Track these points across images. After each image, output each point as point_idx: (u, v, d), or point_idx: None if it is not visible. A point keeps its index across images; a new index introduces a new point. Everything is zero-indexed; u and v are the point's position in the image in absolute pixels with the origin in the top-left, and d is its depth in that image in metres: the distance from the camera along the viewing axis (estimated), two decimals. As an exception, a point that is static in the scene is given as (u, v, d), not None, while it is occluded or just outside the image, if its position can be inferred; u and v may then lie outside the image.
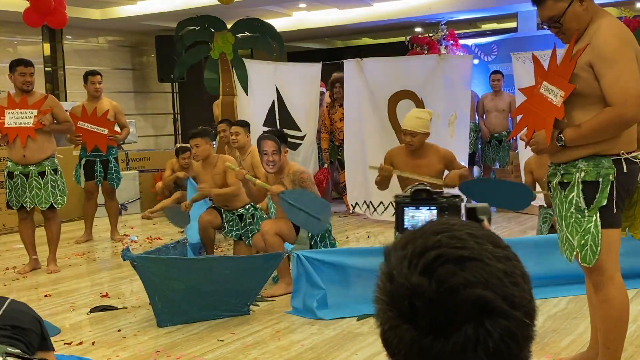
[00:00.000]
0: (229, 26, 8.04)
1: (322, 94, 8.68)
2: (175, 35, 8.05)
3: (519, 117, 3.23)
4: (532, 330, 0.87)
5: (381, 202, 7.65)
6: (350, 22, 12.01)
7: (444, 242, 0.87)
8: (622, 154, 2.69)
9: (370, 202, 7.76)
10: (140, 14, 10.73)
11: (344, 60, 8.08)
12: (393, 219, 5.14)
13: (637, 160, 2.74)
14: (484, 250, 0.86)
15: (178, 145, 9.47)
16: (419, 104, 7.36)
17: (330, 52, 15.41)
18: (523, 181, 5.75)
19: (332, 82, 8.52)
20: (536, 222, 6.38)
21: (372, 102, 7.63)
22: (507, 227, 7.16)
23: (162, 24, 11.29)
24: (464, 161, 7.18)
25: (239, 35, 8.02)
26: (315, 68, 8.37)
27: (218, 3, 7.76)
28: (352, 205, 7.99)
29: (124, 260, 4.00)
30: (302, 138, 8.32)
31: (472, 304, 0.82)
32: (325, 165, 8.56)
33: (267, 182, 4.87)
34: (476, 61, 10.68)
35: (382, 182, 4.76)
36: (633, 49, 2.66)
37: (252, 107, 7.96)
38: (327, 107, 8.41)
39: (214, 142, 7.39)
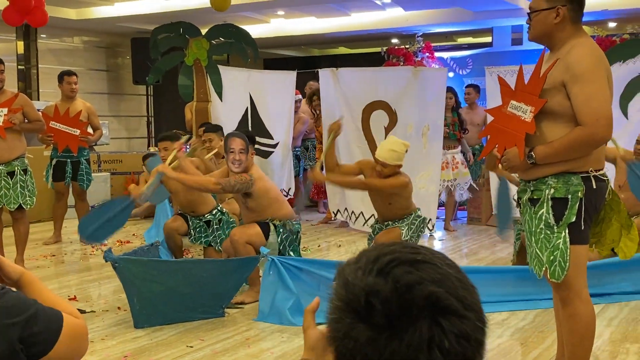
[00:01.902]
0: (204, 31, 8.03)
1: (297, 101, 8.70)
2: (150, 41, 8.01)
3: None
4: (484, 336, 0.89)
5: (353, 212, 7.69)
6: (328, 31, 12.07)
7: (397, 249, 0.91)
8: (591, 171, 2.75)
9: (346, 210, 7.80)
10: (116, 16, 10.65)
11: (319, 70, 8.11)
12: (367, 229, 5.23)
13: (605, 178, 2.80)
14: (435, 257, 0.90)
15: (145, 152, 9.41)
16: (393, 115, 7.41)
17: (306, 59, 15.45)
18: (494, 195, 5.83)
19: (309, 95, 8.53)
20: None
21: (347, 111, 7.67)
22: (478, 239, 7.23)
23: (138, 26, 11.22)
24: (437, 172, 7.26)
25: (213, 41, 8.00)
26: (290, 76, 8.39)
27: (195, 7, 7.75)
28: (333, 212, 8.04)
29: (106, 261, 4.06)
30: (274, 146, 8.32)
31: (426, 299, 0.84)
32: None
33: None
34: (451, 74, 10.81)
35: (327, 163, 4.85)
36: (605, 70, 2.73)
37: (225, 114, 7.95)
38: (312, 120, 8.48)
39: (187, 146, 7.36)
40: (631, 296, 4.62)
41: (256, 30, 11.39)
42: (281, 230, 4.72)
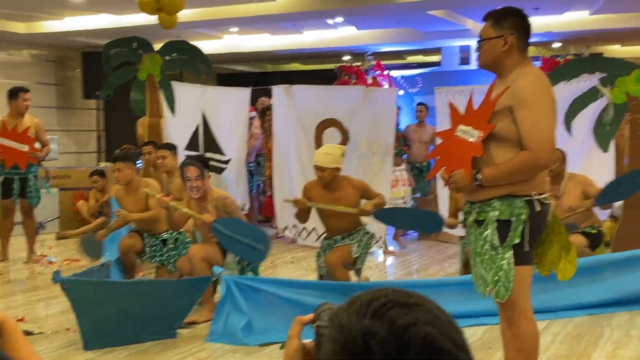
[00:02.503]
0: (158, 47, 8.00)
1: (251, 118, 8.72)
2: (103, 55, 7.95)
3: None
4: None
5: (304, 228, 7.72)
6: (281, 48, 12.14)
7: (390, 292, 0.93)
8: (534, 195, 2.85)
9: (296, 225, 7.83)
10: (66, 30, 10.50)
11: (272, 87, 8.16)
12: (317, 244, 5.30)
13: (548, 202, 2.91)
14: (427, 301, 0.93)
15: (95, 167, 9.29)
16: (345, 133, 7.51)
17: (260, 75, 15.49)
18: (447, 208, 5.96)
19: (263, 110, 8.56)
20: (455, 250, 6.60)
21: (300, 128, 7.74)
22: (428, 255, 7.35)
23: (89, 41, 11.08)
24: (387, 190, 7.36)
25: (167, 57, 7.99)
26: (245, 93, 8.42)
27: (147, 22, 7.73)
28: (282, 228, 8.04)
29: (55, 282, 3.99)
30: (226, 162, 8.32)
31: (423, 339, 0.86)
32: (269, 193, 8.60)
33: (190, 207, 4.86)
34: (401, 92, 10.99)
35: (301, 215, 5.02)
36: (550, 97, 2.85)
37: (177, 130, 7.93)
38: (263, 136, 8.48)
39: (139, 163, 7.30)
40: (575, 312, 4.76)
41: (210, 46, 11.38)
42: None
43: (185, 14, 9.19)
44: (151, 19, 6.98)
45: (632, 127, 6.42)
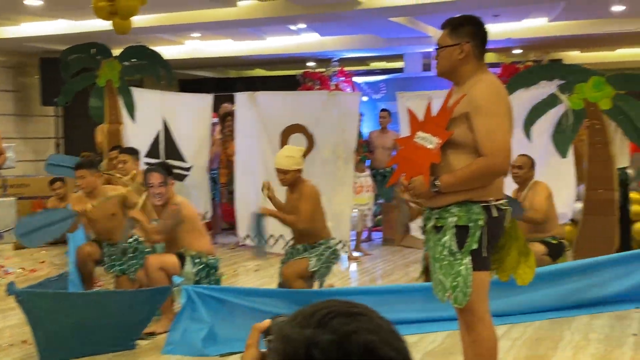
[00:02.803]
0: (118, 52, 7.89)
1: (214, 124, 8.66)
2: (61, 61, 7.81)
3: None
4: None
5: (271, 235, 7.65)
6: (244, 53, 12.10)
7: (333, 303, 0.94)
8: (492, 201, 2.87)
9: (270, 234, 7.74)
10: (23, 36, 10.30)
11: (236, 94, 8.11)
12: (283, 252, 5.25)
13: (505, 208, 2.93)
14: (370, 311, 0.95)
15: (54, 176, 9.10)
16: (310, 138, 7.49)
17: (223, 81, 15.40)
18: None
19: (223, 115, 8.49)
20: (419, 256, 6.62)
21: (265, 135, 7.69)
22: (392, 260, 7.37)
23: (47, 46, 10.88)
24: (349, 194, 7.36)
25: (126, 62, 7.88)
26: (207, 99, 8.35)
27: (105, 28, 7.62)
28: (243, 237, 7.94)
29: (9, 294, 3.86)
30: (187, 169, 8.23)
31: (364, 347, 0.87)
32: (225, 201, 8.50)
33: (155, 215, 4.82)
34: (365, 98, 11.02)
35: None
36: (506, 105, 2.88)
37: (137, 136, 7.82)
38: (221, 140, 8.36)
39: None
40: (535, 316, 4.81)
41: (171, 51, 11.29)
42: (197, 261, 4.69)
43: (146, 19, 9.11)
44: (109, 25, 6.88)
45: (590, 133, 6.52)
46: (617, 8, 9.11)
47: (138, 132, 7.87)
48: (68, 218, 5.05)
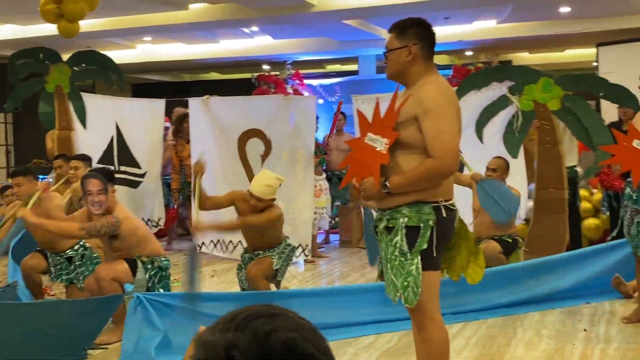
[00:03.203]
0: (66, 57, 7.75)
1: (166, 129, 8.56)
2: (8, 67, 7.63)
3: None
4: None
5: (231, 241, 7.60)
6: (197, 57, 12.01)
7: (253, 307, 0.95)
8: (441, 201, 2.90)
9: (222, 240, 7.69)
10: (-31, 40, 10.05)
11: (189, 99, 8.02)
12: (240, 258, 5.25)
13: (454, 208, 2.96)
14: (289, 311, 0.95)
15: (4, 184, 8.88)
16: (267, 142, 7.45)
17: (178, 85, 15.28)
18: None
19: (180, 117, 8.37)
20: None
21: (221, 140, 7.62)
22: (350, 262, 7.39)
23: (-6, 52, 10.63)
24: (310, 198, 7.36)
25: (76, 67, 7.73)
26: (159, 104, 8.24)
27: (55, 33, 7.47)
28: (198, 245, 7.85)
29: None
30: (142, 175, 8.12)
31: (284, 344, 0.88)
32: (175, 206, 8.38)
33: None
34: (321, 101, 11.04)
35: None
36: (454, 106, 2.91)
37: (90, 142, 7.68)
38: (173, 145, 8.23)
39: (51, 178, 7.02)
40: (487, 313, 4.88)
41: (122, 55, 11.14)
42: (149, 266, 4.60)
43: (96, 23, 8.98)
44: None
45: (540, 133, 6.65)
46: (564, 9, 9.33)
47: (90, 138, 7.74)
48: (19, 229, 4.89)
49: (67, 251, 5.11)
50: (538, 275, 5.23)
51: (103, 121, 7.86)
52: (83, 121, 7.69)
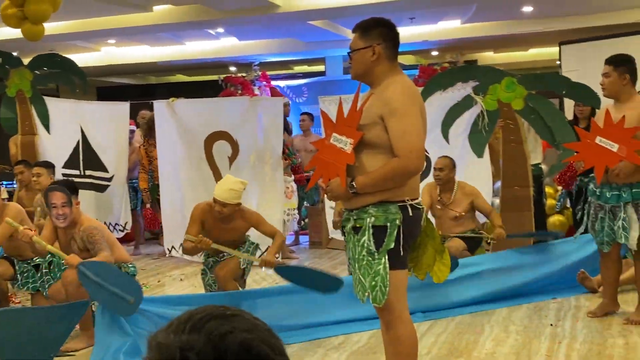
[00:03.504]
0: (27, 61, 7.62)
1: (131, 132, 8.47)
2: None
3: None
4: None
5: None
6: (162, 59, 11.91)
7: (208, 308, 0.94)
8: (407, 200, 2.92)
9: None
10: None
11: (154, 101, 7.94)
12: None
13: (420, 206, 2.98)
14: (245, 313, 0.95)
15: None
16: (234, 144, 7.41)
17: (143, 87, 15.14)
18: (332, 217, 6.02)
19: (152, 118, 8.27)
20: (345, 258, 6.66)
21: (187, 143, 7.56)
22: (319, 262, 7.39)
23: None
24: (280, 200, 7.34)
25: (37, 71, 7.60)
26: (124, 107, 8.14)
27: (15, 36, 7.35)
28: (167, 249, 7.78)
29: None
30: (109, 179, 8.02)
31: (240, 345, 0.88)
32: (148, 205, 8.28)
33: (58, 235, 4.57)
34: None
35: (193, 251, 4.84)
36: (419, 106, 2.93)
37: (55, 147, 7.57)
38: (142, 145, 8.12)
39: (11, 184, 6.91)
40: (456, 310, 4.92)
41: (86, 58, 11.00)
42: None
43: (60, 26, 8.85)
44: (17, 33, 6.63)
45: (505, 132, 6.73)
46: (527, 9, 9.46)
47: (54, 143, 7.63)
48: None
49: (34, 258, 5.01)
50: (505, 271, 5.30)
51: (67, 125, 7.75)
52: (47, 126, 7.57)
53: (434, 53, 12.14)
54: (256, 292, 5.03)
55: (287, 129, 8.23)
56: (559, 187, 7.84)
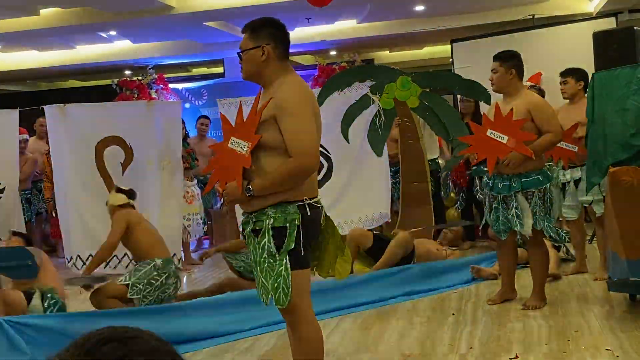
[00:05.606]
0: None
1: (24, 141, 8.07)
2: None
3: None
4: None
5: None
6: (53, 64, 11.43)
7: (106, 330, 0.91)
8: (306, 200, 2.92)
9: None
10: None
11: (44, 106, 7.60)
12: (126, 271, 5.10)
13: (319, 205, 3.00)
14: (145, 333, 0.93)
15: None
16: (128, 150, 7.20)
17: (34, 94, 14.46)
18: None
19: None
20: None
21: (78, 149, 7.26)
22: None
23: None
24: (179, 205, 7.19)
25: None
26: (12, 115, 7.74)
27: None
28: (67, 259, 7.42)
29: None
30: (2, 191, 7.60)
31: None
32: (54, 214, 7.87)
33: None
34: (187, 105, 10.86)
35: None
36: (311, 105, 2.94)
37: None
38: (46, 154, 7.73)
39: None
40: (365, 307, 4.99)
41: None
42: (49, 295, 4.50)
43: None
44: None
45: (402, 130, 6.90)
46: (419, 8, 9.72)
47: None
48: None
49: None
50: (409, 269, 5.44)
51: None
52: None
53: (332, 53, 12.26)
54: (156, 309, 4.82)
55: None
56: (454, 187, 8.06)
